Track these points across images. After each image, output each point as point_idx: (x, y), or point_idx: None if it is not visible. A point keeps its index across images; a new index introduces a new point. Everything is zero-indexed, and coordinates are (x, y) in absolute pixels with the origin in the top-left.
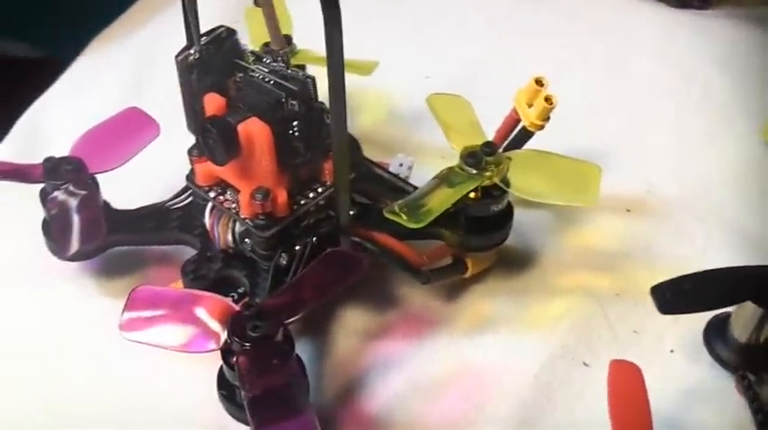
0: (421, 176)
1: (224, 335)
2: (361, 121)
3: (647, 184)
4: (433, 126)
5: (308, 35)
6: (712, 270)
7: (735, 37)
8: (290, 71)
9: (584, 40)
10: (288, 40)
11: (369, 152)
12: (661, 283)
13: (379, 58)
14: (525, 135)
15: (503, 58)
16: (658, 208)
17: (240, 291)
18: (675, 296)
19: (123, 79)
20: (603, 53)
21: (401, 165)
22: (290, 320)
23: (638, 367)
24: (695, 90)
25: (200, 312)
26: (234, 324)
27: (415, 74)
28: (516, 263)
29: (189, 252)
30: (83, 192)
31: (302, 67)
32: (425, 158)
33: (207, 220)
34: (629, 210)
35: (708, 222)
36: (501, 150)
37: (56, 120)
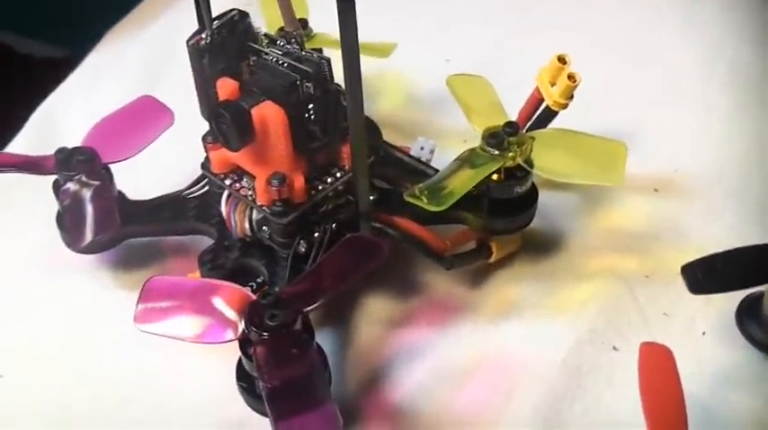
0: (443, 160)
1: (242, 325)
2: (380, 106)
3: (675, 163)
4: (455, 109)
5: (326, 19)
6: (744, 247)
7: (763, 9)
8: (304, 53)
9: (609, 18)
10: (303, 23)
11: (389, 136)
12: (691, 262)
13: (399, 42)
14: (549, 114)
15: (524, 39)
16: (687, 187)
17: (259, 280)
18: (706, 275)
19: (138, 70)
20: (628, 31)
21: (422, 148)
22: (310, 308)
23: (670, 349)
24: (723, 65)
25: (217, 302)
26: (251, 313)
27: (435, 57)
28: (542, 246)
29: (206, 242)
30: (96, 183)
31: (319, 51)
32: (447, 142)
33: (223, 209)
34: (656, 190)
35: (738, 200)
36: (524, 131)
37: (71, 112)
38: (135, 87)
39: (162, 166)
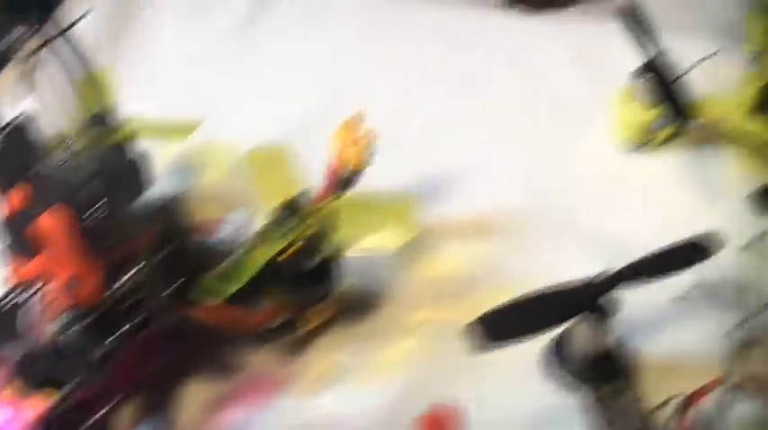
0: None
1: None
2: (206, 178)
3: (495, 203)
4: None
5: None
6: (525, 295)
7: (594, 34)
8: (89, 152)
9: (436, 60)
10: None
11: (214, 209)
12: (480, 317)
13: (217, 110)
14: (352, 175)
15: (348, 95)
16: (507, 226)
17: (68, 387)
18: (497, 329)
19: None
20: (456, 71)
21: (232, 227)
22: (106, 409)
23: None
24: (549, 95)
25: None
26: (46, 426)
27: (257, 122)
28: (362, 307)
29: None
30: None
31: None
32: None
33: (26, 320)
34: (476, 234)
35: (559, 234)
36: (332, 196)
37: None
38: None
39: None
